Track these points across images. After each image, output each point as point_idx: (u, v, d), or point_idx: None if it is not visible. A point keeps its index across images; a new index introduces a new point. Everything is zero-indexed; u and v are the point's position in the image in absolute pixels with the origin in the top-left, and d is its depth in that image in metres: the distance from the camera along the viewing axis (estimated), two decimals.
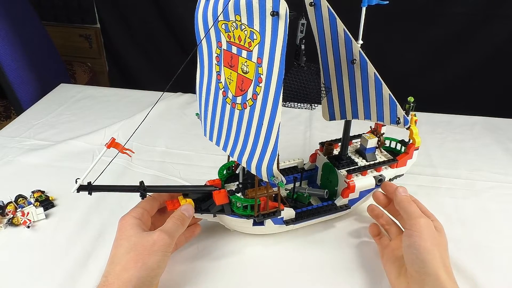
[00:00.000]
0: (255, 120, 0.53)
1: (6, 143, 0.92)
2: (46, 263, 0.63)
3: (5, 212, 0.70)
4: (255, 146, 0.55)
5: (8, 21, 1.17)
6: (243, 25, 0.50)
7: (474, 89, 1.57)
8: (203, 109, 0.63)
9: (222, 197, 0.60)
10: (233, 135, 0.58)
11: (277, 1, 0.46)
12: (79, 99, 1.14)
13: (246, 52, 0.52)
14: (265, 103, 0.51)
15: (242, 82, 0.54)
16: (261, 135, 0.53)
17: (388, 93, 0.60)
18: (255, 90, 0.52)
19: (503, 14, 1.43)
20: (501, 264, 0.65)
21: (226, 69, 0.56)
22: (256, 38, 0.49)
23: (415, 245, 0.54)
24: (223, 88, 0.57)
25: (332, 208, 0.68)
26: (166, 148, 0.92)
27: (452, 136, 0.99)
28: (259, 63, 0.50)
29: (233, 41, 0.53)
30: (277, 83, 0.49)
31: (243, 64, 0.53)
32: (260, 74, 0.51)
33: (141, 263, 0.51)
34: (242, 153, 0.57)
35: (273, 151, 0.53)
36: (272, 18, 0.47)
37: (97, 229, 0.69)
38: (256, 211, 0.61)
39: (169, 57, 1.75)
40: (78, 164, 0.86)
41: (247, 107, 0.54)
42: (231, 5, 0.50)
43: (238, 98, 0.55)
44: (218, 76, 0.58)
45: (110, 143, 0.50)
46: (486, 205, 0.77)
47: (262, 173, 0.55)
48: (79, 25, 1.89)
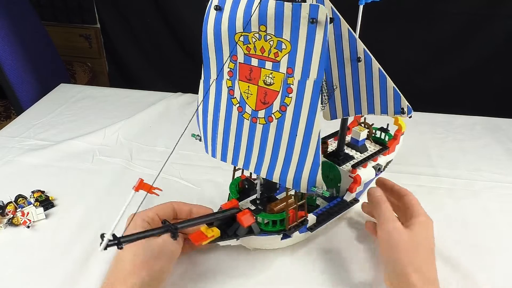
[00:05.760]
0: (286, 132, 0.52)
1: (6, 143, 0.92)
2: (46, 263, 0.63)
3: (5, 212, 0.70)
4: (289, 159, 0.53)
5: (8, 21, 1.17)
6: (269, 35, 0.49)
7: (474, 89, 1.57)
8: (210, 129, 0.59)
9: (248, 217, 0.57)
10: (256, 151, 0.56)
11: (315, 8, 0.45)
12: (79, 99, 1.14)
13: (271, 63, 0.50)
14: (298, 113, 0.50)
15: (265, 94, 0.52)
16: (296, 146, 0.52)
17: (392, 86, 0.59)
18: (284, 102, 0.51)
19: (503, 13, 1.43)
20: (501, 264, 0.65)
21: (242, 83, 0.54)
22: (286, 47, 0.48)
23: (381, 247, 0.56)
24: (238, 104, 0.55)
25: (345, 205, 0.68)
26: (166, 148, 0.92)
27: (452, 136, 0.99)
28: (289, 73, 0.49)
29: (253, 53, 0.51)
30: (313, 91, 0.48)
31: (267, 76, 0.51)
32: (289, 85, 0.50)
33: (147, 268, 0.50)
34: (272, 168, 0.55)
35: (315, 160, 0.51)
36: (308, 26, 0.46)
37: (97, 229, 0.69)
38: (287, 224, 0.59)
39: (169, 57, 1.76)
40: (78, 164, 0.86)
41: (273, 120, 0.52)
42: (255, 16, 0.48)
43: (260, 112, 0.53)
44: (231, 92, 0.55)
45: (138, 185, 0.47)
46: (486, 205, 0.77)
47: (301, 185, 0.53)
48: (79, 25, 1.89)
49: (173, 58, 1.75)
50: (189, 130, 0.55)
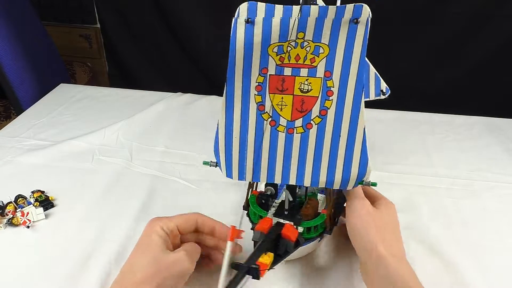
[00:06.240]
0: (328, 135, 0.52)
1: (6, 143, 0.92)
2: (46, 263, 0.63)
3: (4, 212, 0.70)
4: (334, 161, 0.53)
5: (8, 21, 1.17)
6: (306, 41, 0.49)
7: (474, 89, 1.57)
8: (236, 152, 0.56)
9: (294, 231, 0.54)
10: (296, 162, 0.55)
11: (359, 8, 0.45)
12: (79, 99, 1.14)
13: (306, 69, 0.50)
14: (340, 113, 0.50)
15: (303, 102, 0.52)
16: (340, 146, 0.52)
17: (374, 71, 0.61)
18: (324, 105, 0.51)
19: (504, 14, 1.43)
20: (501, 264, 0.65)
21: (274, 96, 0.52)
22: (323, 51, 0.49)
23: (350, 225, 0.56)
24: (270, 118, 0.53)
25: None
26: (166, 148, 0.92)
27: (452, 136, 0.99)
28: (327, 76, 0.50)
29: (287, 62, 0.51)
30: (355, 87, 0.49)
31: (302, 84, 0.51)
32: (329, 87, 0.50)
33: (156, 282, 0.49)
34: (316, 175, 0.54)
35: (362, 156, 0.51)
36: (349, 26, 0.46)
37: (97, 229, 0.69)
38: (328, 225, 0.59)
39: (169, 57, 1.75)
40: (78, 164, 0.86)
41: (312, 127, 0.52)
42: (294, 22, 0.48)
43: (297, 121, 0.53)
44: (260, 107, 0.53)
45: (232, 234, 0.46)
46: (486, 205, 0.77)
47: (349, 184, 0.54)
48: (79, 25, 1.89)
49: (173, 58, 1.75)
50: (189, 130, 0.54)
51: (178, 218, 0.56)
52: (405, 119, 1.06)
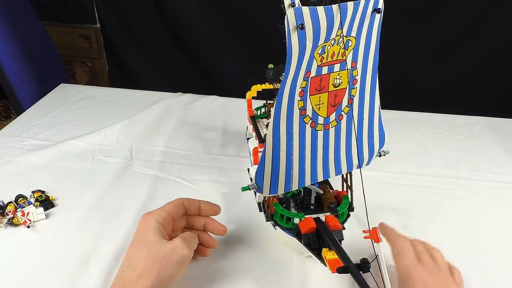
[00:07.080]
0: (355, 118, 0.54)
1: (6, 143, 0.92)
2: (46, 263, 0.63)
3: (5, 212, 0.70)
4: (361, 142, 0.56)
5: (8, 21, 1.17)
6: (341, 37, 0.49)
7: (474, 89, 1.57)
8: (283, 167, 0.54)
9: (335, 219, 0.56)
10: (332, 155, 0.56)
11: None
12: (79, 99, 1.14)
13: (338, 64, 0.51)
14: (362, 98, 0.53)
15: (335, 97, 0.53)
16: (364, 126, 0.55)
17: None
18: (351, 94, 0.52)
19: (503, 14, 1.43)
20: (501, 264, 0.65)
21: (313, 97, 0.52)
22: (351, 44, 0.50)
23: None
24: (311, 120, 0.53)
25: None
26: (166, 148, 0.92)
27: (452, 136, 0.99)
28: (353, 66, 0.51)
29: (325, 61, 0.50)
30: (373, 71, 0.52)
31: (335, 79, 0.51)
32: (354, 77, 0.52)
33: (156, 273, 0.50)
34: (349, 161, 0.57)
35: (380, 128, 0.57)
36: (371, 16, 0.49)
37: (97, 229, 0.69)
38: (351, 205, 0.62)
39: (169, 57, 1.76)
40: (78, 164, 0.86)
41: (343, 117, 0.54)
42: (337, 22, 0.48)
43: (331, 116, 0.53)
44: (302, 112, 0.52)
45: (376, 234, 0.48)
46: (486, 205, 0.77)
47: (375, 150, 0.58)
48: (79, 25, 1.90)
49: (173, 58, 1.75)
50: (189, 130, 0.54)
51: (167, 206, 0.57)
52: (405, 119, 1.06)
